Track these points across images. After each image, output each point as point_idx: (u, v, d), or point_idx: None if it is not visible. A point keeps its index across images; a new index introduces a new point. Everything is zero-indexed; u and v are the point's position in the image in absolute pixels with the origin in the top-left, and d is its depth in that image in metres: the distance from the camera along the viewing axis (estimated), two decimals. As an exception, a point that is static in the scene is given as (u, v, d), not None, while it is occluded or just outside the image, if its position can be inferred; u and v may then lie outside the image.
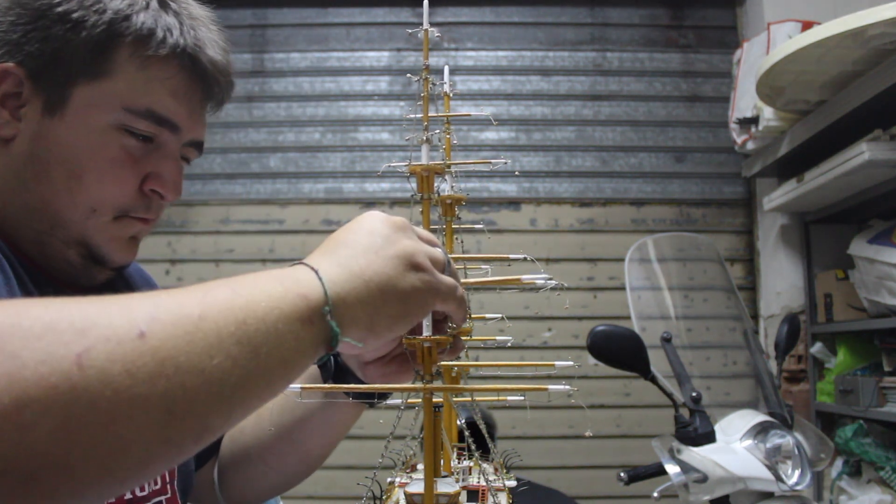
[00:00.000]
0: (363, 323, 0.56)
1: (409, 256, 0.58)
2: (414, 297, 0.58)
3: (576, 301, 2.69)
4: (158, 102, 0.73)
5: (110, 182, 0.73)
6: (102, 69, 0.71)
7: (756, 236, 2.74)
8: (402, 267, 0.57)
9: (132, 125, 0.72)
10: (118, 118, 0.72)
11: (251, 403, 0.53)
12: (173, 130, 0.76)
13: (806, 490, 1.29)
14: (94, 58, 0.71)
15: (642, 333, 1.40)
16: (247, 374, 0.50)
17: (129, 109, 0.72)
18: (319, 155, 2.83)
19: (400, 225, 0.60)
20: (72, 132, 0.71)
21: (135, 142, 0.73)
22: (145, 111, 0.72)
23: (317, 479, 2.61)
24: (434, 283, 0.59)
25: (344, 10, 2.90)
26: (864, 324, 2.23)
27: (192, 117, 0.78)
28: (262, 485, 0.94)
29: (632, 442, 2.59)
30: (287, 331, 0.52)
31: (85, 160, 0.71)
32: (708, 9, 2.91)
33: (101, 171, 0.72)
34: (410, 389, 0.71)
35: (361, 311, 0.55)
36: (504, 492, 0.86)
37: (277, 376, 0.53)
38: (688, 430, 1.34)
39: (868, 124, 1.90)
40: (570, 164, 2.82)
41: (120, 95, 0.72)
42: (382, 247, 0.57)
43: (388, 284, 0.56)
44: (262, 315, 0.51)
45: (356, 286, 0.55)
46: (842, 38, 1.74)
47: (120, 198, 0.74)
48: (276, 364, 0.52)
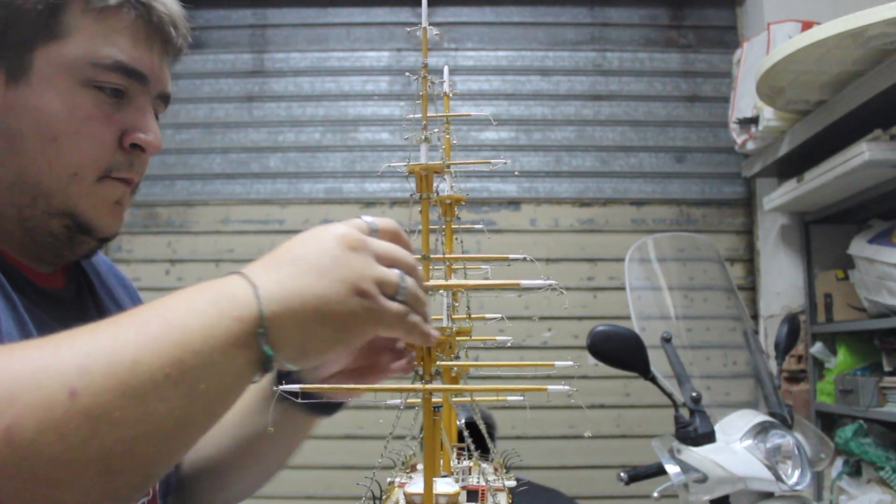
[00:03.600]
0: (296, 345, 0.55)
1: (354, 281, 0.55)
2: (352, 324, 0.56)
3: (576, 301, 2.69)
4: (123, 53, 0.72)
5: (87, 141, 0.71)
6: (58, 29, 0.70)
7: (756, 236, 2.74)
8: (344, 291, 0.55)
9: (101, 79, 0.71)
10: (86, 74, 0.70)
11: (194, 439, 0.53)
12: (142, 81, 0.74)
13: (806, 490, 1.29)
14: (47, 19, 0.70)
15: (642, 333, 1.40)
16: (186, 415, 0.49)
17: (95, 63, 0.70)
18: (319, 155, 2.83)
19: (354, 243, 0.57)
20: (40, 97, 0.70)
21: (105, 97, 0.72)
22: (112, 63, 0.71)
23: (317, 479, 2.62)
24: (376, 310, 0.56)
25: (344, 10, 2.90)
26: (864, 324, 2.23)
27: (157, 67, 0.76)
28: (223, 495, 0.95)
29: (632, 442, 2.59)
30: (223, 360, 0.51)
31: (58, 123, 0.70)
32: (708, 9, 2.91)
33: (76, 132, 0.70)
34: (410, 389, 0.71)
35: (295, 333, 0.54)
36: (504, 492, 0.86)
37: (218, 407, 0.53)
38: (688, 430, 1.34)
39: (868, 124, 1.90)
40: (570, 164, 2.82)
41: (83, 51, 0.70)
42: (328, 268, 0.55)
43: (326, 308, 0.54)
44: (197, 348, 0.49)
45: (292, 307, 0.53)
46: (842, 38, 1.74)
47: (100, 156, 0.72)
48: (214, 397, 0.51)
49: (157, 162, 2.77)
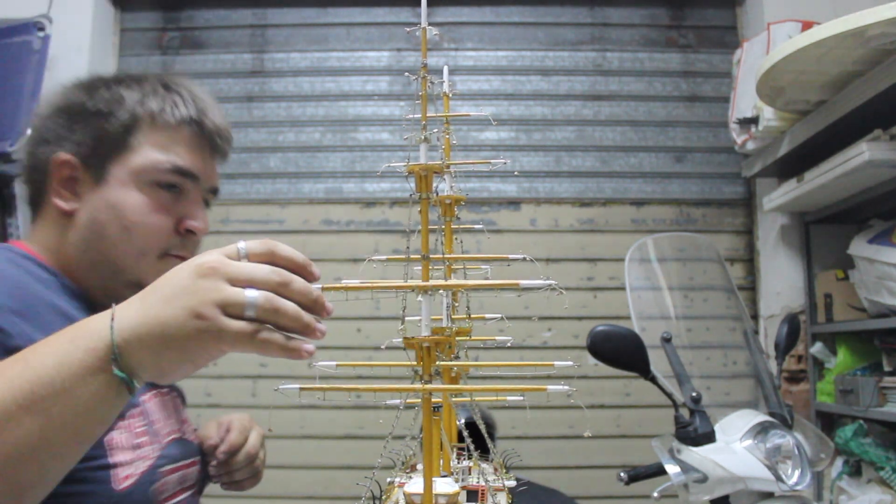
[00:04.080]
0: (149, 366, 0.63)
1: (193, 306, 0.62)
2: (190, 346, 0.62)
3: (576, 301, 2.69)
4: (179, 158, 0.95)
5: (152, 227, 0.93)
6: (131, 142, 0.93)
7: (756, 236, 2.74)
8: (183, 316, 0.62)
9: (162, 180, 0.94)
10: (150, 176, 0.93)
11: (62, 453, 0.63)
12: (194, 179, 0.97)
13: (806, 490, 1.29)
14: (124, 136, 0.93)
15: (642, 333, 1.40)
16: (44, 434, 0.61)
17: (158, 168, 0.93)
18: (319, 155, 2.83)
19: (204, 270, 0.63)
20: (116, 195, 0.92)
21: (165, 193, 0.94)
22: (171, 167, 0.94)
23: (316, 479, 2.62)
24: (213, 331, 0.62)
25: (344, 10, 2.90)
26: (864, 324, 2.22)
27: (206, 168, 0.99)
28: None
29: (632, 442, 2.59)
30: (77, 385, 0.61)
31: (129, 215, 0.92)
32: (708, 9, 2.91)
33: (143, 222, 0.92)
34: (410, 389, 0.71)
35: (147, 356, 0.63)
36: (503, 492, 0.86)
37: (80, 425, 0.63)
38: (688, 430, 1.34)
39: (868, 124, 1.90)
40: (570, 164, 2.82)
41: (148, 160, 0.93)
42: (174, 296, 0.63)
43: (167, 333, 0.62)
44: (48, 380, 0.61)
45: (140, 333, 0.62)
46: (842, 38, 1.74)
47: (161, 239, 0.94)
48: (73, 417, 0.62)
49: (157, 162, 2.76)
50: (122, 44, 2.88)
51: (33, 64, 2.44)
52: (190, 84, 1.01)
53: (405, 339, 0.69)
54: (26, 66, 2.44)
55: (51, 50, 2.49)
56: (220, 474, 1.10)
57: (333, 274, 2.65)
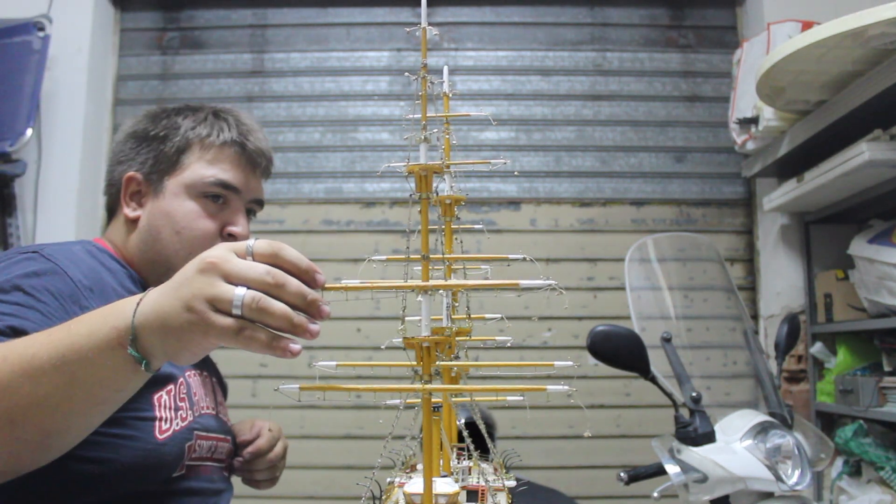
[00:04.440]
0: (158, 350, 0.70)
1: (187, 300, 0.67)
2: (184, 335, 0.68)
3: (576, 301, 2.69)
4: (224, 174, 1.14)
5: (198, 231, 1.11)
6: (184, 161, 1.14)
7: (756, 236, 2.74)
8: (178, 308, 0.67)
9: (208, 191, 1.12)
10: (198, 189, 1.12)
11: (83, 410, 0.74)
12: (236, 192, 1.15)
13: (806, 490, 1.29)
14: (178, 156, 1.14)
15: (642, 333, 1.40)
16: (68, 393, 0.71)
17: (204, 181, 1.12)
18: (319, 155, 2.82)
19: (204, 266, 0.68)
20: (171, 204, 1.11)
21: (211, 203, 1.13)
22: (216, 181, 1.13)
23: (317, 479, 2.62)
24: (201, 325, 0.66)
25: (344, 10, 2.90)
26: (864, 324, 2.22)
27: (248, 182, 1.17)
28: None
29: (632, 442, 2.59)
30: (99, 357, 0.70)
31: (181, 220, 1.11)
32: (708, 9, 2.91)
33: (191, 227, 1.11)
34: (410, 390, 0.71)
35: (155, 341, 0.69)
36: (504, 492, 0.86)
37: (98, 391, 0.72)
38: (688, 430, 1.34)
39: (868, 124, 1.90)
40: (570, 164, 2.82)
41: (197, 176, 1.12)
42: (177, 287, 0.69)
43: (166, 322, 0.68)
44: (78, 348, 0.70)
45: (150, 319, 0.69)
46: (842, 38, 1.74)
47: (206, 241, 1.09)
48: (93, 382, 0.71)
49: (157, 162, 2.76)
50: (122, 44, 2.88)
51: (33, 64, 2.44)
52: (238, 112, 1.22)
53: (405, 339, 0.69)
54: (26, 66, 2.44)
55: (51, 50, 2.49)
56: (243, 470, 1.26)
57: (333, 274, 2.64)
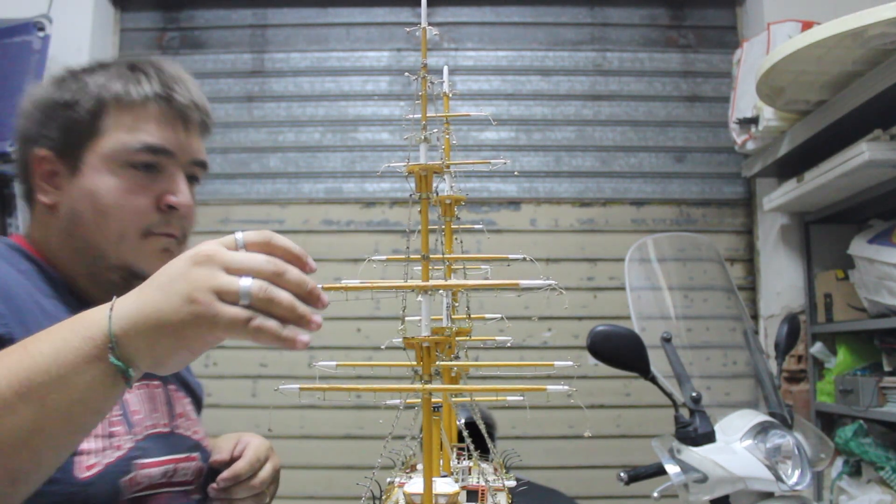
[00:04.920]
0: (146, 355, 0.63)
1: (188, 292, 0.61)
2: (185, 331, 0.62)
3: (576, 301, 2.69)
4: (150, 136, 0.94)
5: (129, 210, 0.92)
6: (100, 128, 0.93)
7: (756, 236, 2.74)
8: (178, 302, 0.61)
9: (134, 160, 0.93)
10: (122, 158, 0.92)
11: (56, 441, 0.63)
12: (169, 155, 0.95)
13: (806, 490, 1.29)
14: (92, 122, 0.93)
15: (642, 333, 1.40)
16: (38, 422, 0.60)
17: (129, 149, 0.92)
18: (319, 155, 2.82)
19: (199, 258, 0.63)
20: (91, 182, 0.92)
21: (140, 173, 0.93)
22: (141, 146, 0.93)
23: (317, 479, 2.62)
24: (208, 316, 0.61)
25: (344, 10, 2.90)
26: (864, 324, 2.22)
27: (182, 142, 0.97)
28: None
29: (632, 442, 2.59)
30: (73, 374, 0.61)
31: (105, 199, 0.92)
32: (708, 9, 2.91)
33: (119, 204, 0.92)
34: (410, 390, 0.71)
35: (143, 344, 0.62)
36: (503, 492, 0.86)
37: (75, 413, 0.62)
38: (688, 430, 1.34)
39: (868, 124, 1.90)
40: (570, 164, 2.82)
41: (119, 142, 0.92)
42: (170, 283, 0.63)
43: (163, 319, 0.61)
44: (45, 368, 0.60)
45: (137, 322, 0.62)
46: (842, 38, 1.74)
47: (139, 220, 0.93)
48: (67, 406, 0.61)
49: (157, 162, 2.77)
50: (122, 44, 2.88)
51: (33, 64, 2.44)
52: (159, 62, 0.99)
53: (405, 339, 0.69)
54: (26, 66, 2.44)
55: (51, 50, 2.49)
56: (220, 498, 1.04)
57: (333, 274, 2.65)
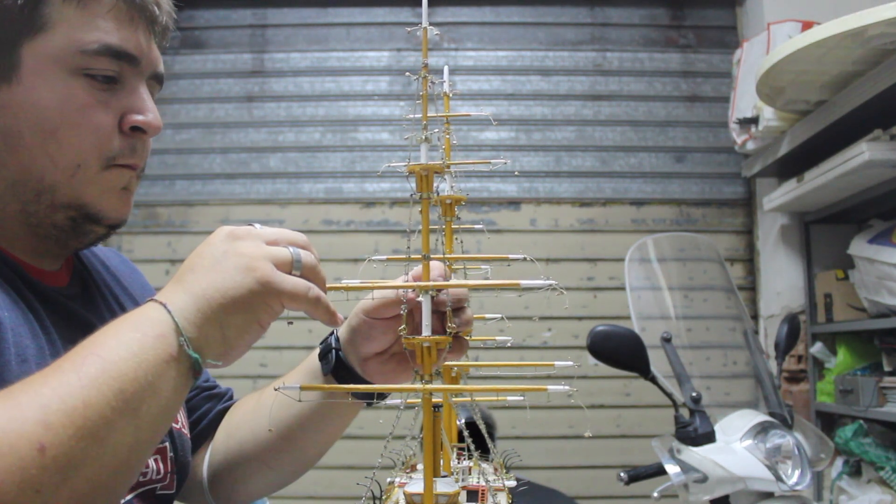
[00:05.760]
0: (217, 340, 0.58)
1: (245, 264, 0.59)
2: (254, 302, 0.58)
3: (576, 301, 2.69)
4: (109, 36, 0.70)
5: (87, 131, 0.70)
6: (41, 21, 0.68)
7: (756, 236, 2.74)
8: (239, 276, 0.58)
9: (91, 66, 0.69)
10: (75, 63, 0.69)
11: (149, 449, 0.58)
12: (132, 63, 0.72)
13: (806, 490, 1.29)
14: (29, 12, 0.68)
15: (642, 333, 1.40)
16: (137, 437, 0.54)
17: (84, 51, 0.69)
18: (319, 155, 2.83)
19: (239, 233, 0.61)
20: (33, 92, 0.68)
21: (98, 84, 0.70)
22: (100, 47, 0.69)
23: (317, 479, 2.61)
24: (272, 283, 0.58)
25: (344, 10, 2.90)
26: (864, 324, 2.23)
27: (145, 47, 0.74)
28: (257, 483, 0.92)
29: (632, 442, 2.59)
30: (158, 379, 0.55)
31: (54, 116, 0.68)
32: (708, 9, 2.91)
33: (74, 123, 0.69)
34: (410, 389, 0.71)
35: (213, 329, 0.58)
36: (504, 492, 0.86)
37: (162, 423, 0.57)
38: (688, 430, 1.34)
39: (868, 124, 1.90)
40: (570, 164, 2.82)
41: (69, 41, 0.68)
42: (219, 260, 0.59)
43: (227, 296, 0.58)
44: (132, 375, 0.54)
45: (201, 307, 0.57)
46: (842, 38, 1.74)
47: (101, 144, 0.71)
48: (158, 414, 0.56)
49: (157, 162, 2.77)
50: (122, 44, 2.88)
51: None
52: None
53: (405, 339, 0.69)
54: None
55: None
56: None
57: (333, 274, 2.65)
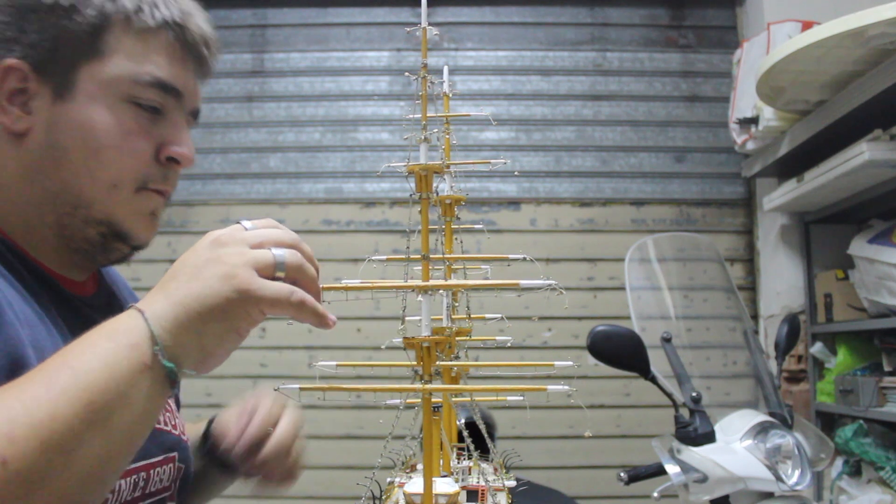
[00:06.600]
0: (194, 348, 0.58)
1: (224, 271, 0.58)
2: (231, 310, 0.58)
3: (576, 301, 2.69)
4: (160, 70, 0.76)
5: (127, 154, 0.75)
6: (102, 48, 0.74)
7: (756, 236, 2.74)
8: (217, 283, 0.58)
9: (140, 96, 0.75)
10: (126, 91, 0.74)
11: (119, 467, 0.57)
12: (177, 97, 0.78)
13: (806, 490, 1.29)
14: (92, 39, 0.74)
15: (642, 333, 1.40)
16: (108, 449, 0.54)
17: (136, 81, 0.74)
18: (319, 155, 2.83)
19: (223, 239, 0.61)
20: (84, 113, 0.73)
21: (144, 112, 0.76)
22: (151, 80, 0.75)
23: (317, 480, 2.62)
24: (250, 291, 0.58)
25: (344, 10, 2.90)
26: (864, 324, 2.22)
27: (190, 84, 0.81)
28: None
29: (632, 442, 2.59)
30: (131, 389, 0.55)
31: (101, 137, 0.74)
32: (708, 9, 2.91)
33: (117, 146, 0.74)
34: (410, 389, 0.71)
35: (190, 338, 0.58)
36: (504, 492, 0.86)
37: (136, 433, 0.57)
38: (688, 430, 1.34)
39: (868, 124, 1.90)
40: (570, 164, 2.82)
41: (124, 70, 0.74)
42: (201, 267, 0.59)
43: (205, 304, 0.57)
44: (103, 386, 0.54)
45: (178, 315, 0.57)
46: (842, 38, 1.74)
47: (138, 169, 0.76)
48: (130, 424, 0.56)
49: (157, 162, 2.77)
50: (122, 44, 2.88)
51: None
52: None
53: (405, 339, 0.69)
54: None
55: (51, 50, 2.49)
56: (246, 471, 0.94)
57: (333, 274, 2.65)
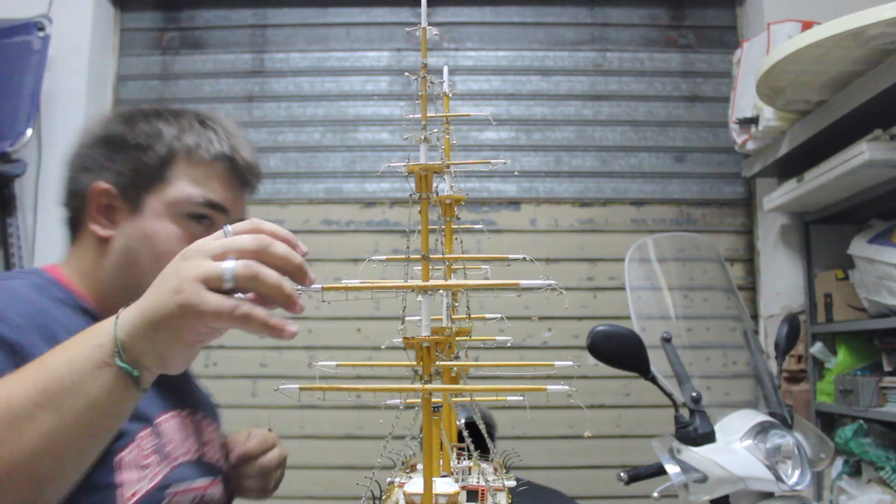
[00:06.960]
0: (150, 353, 0.66)
1: (175, 285, 0.64)
2: (175, 323, 0.64)
3: (576, 301, 2.69)
4: (212, 193, 0.99)
5: None
6: (167, 178, 0.98)
7: (756, 236, 2.74)
8: (167, 296, 0.64)
9: (194, 211, 0.97)
10: (184, 209, 0.97)
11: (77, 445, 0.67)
12: (223, 212, 1.00)
13: (806, 490, 1.29)
14: (161, 169, 0.98)
15: (642, 333, 1.40)
16: (57, 427, 0.64)
17: (191, 202, 0.97)
18: (319, 155, 2.82)
19: (188, 252, 0.66)
20: (150, 226, 0.96)
21: (196, 224, 0.98)
22: (204, 201, 0.98)
23: (317, 479, 2.62)
24: (192, 306, 0.62)
25: (344, 10, 2.90)
26: (864, 324, 2.22)
27: (235, 201, 1.03)
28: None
29: (632, 442, 2.59)
30: (87, 380, 0.65)
31: (162, 244, 0.95)
32: (708, 9, 2.91)
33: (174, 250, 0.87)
34: (410, 390, 0.71)
35: (146, 345, 0.65)
36: (504, 492, 0.86)
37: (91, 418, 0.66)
38: (688, 430, 1.34)
39: (868, 124, 1.90)
40: (570, 164, 2.82)
41: (183, 193, 0.97)
42: (165, 279, 0.66)
43: (156, 316, 0.64)
44: (59, 376, 0.65)
45: (137, 324, 0.65)
46: (842, 38, 1.74)
47: None
48: (83, 410, 0.65)
49: (157, 162, 2.77)
50: (122, 44, 2.88)
51: (33, 64, 2.44)
52: (224, 120, 1.07)
53: (405, 339, 0.69)
54: (26, 66, 2.44)
55: (51, 50, 2.49)
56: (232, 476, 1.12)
57: (333, 274, 2.65)
